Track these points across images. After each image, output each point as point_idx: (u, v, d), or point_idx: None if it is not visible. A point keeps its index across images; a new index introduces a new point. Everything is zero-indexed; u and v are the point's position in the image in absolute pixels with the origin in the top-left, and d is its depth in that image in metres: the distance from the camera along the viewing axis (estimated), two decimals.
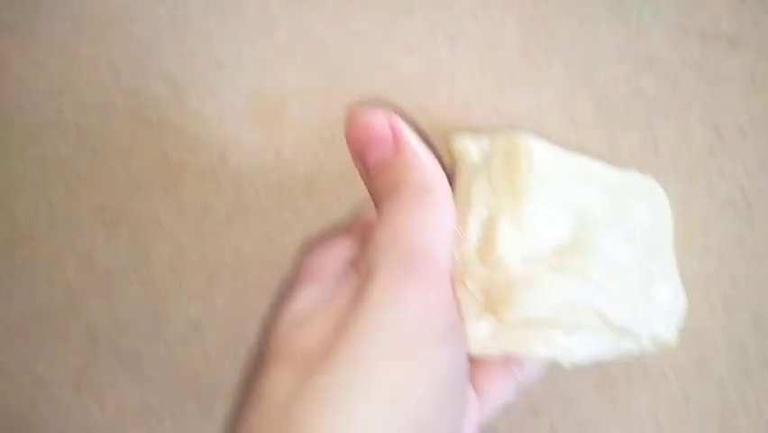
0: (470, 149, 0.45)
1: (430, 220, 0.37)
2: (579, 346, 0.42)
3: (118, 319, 0.50)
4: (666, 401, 0.47)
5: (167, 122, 0.52)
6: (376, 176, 0.38)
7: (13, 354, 0.50)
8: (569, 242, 0.42)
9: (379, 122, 0.38)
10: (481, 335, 0.41)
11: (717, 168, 0.50)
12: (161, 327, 0.49)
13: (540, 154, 0.42)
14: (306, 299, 0.35)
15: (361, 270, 0.35)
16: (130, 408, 0.49)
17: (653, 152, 0.51)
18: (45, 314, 0.50)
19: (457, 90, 0.53)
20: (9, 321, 0.50)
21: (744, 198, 0.50)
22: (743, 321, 0.48)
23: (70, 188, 0.51)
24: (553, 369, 0.45)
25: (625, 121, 0.51)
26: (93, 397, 0.48)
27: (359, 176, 0.48)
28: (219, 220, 0.50)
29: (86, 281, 0.50)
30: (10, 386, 0.49)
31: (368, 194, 0.42)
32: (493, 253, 0.41)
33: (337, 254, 0.39)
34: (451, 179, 0.44)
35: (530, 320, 0.41)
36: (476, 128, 0.52)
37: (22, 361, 0.49)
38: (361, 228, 0.40)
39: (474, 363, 0.39)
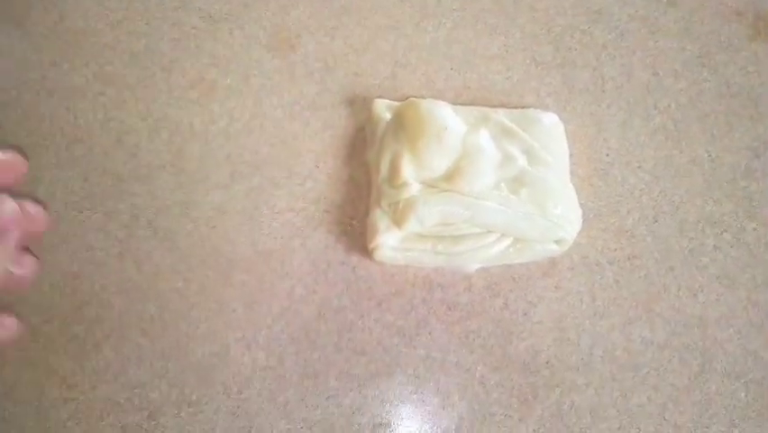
0: (383, 111, 0.59)
1: None
2: (473, 254, 0.54)
3: (156, 202, 0.58)
4: (601, 286, 0.55)
5: (203, 48, 0.61)
6: None
7: (69, 226, 0.58)
8: (455, 169, 0.54)
9: None
10: (389, 245, 0.54)
11: (653, 102, 0.59)
12: (191, 209, 0.58)
13: (428, 109, 0.56)
14: None
15: None
16: (162, 272, 0.57)
17: (600, 88, 0.59)
18: (97, 195, 0.58)
19: (440, 32, 0.62)
20: (66, 201, 0.59)
21: (674, 127, 0.58)
22: (669, 226, 0.56)
23: (122, 98, 0.60)
24: (510, 258, 0.54)
25: (578, 63, 0.60)
26: (132, 262, 0.57)
27: (359, 102, 0.58)
28: (241, 128, 0.59)
29: (131, 171, 0.59)
30: (65, 251, 0.57)
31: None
32: (398, 178, 0.55)
33: None
34: (370, 133, 0.58)
35: (425, 233, 0.55)
36: (458, 62, 0.60)
37: (76, 232, 0.58)
38: None
39: None
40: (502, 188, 0.54)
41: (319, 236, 0.56)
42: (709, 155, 0.57)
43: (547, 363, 0.53)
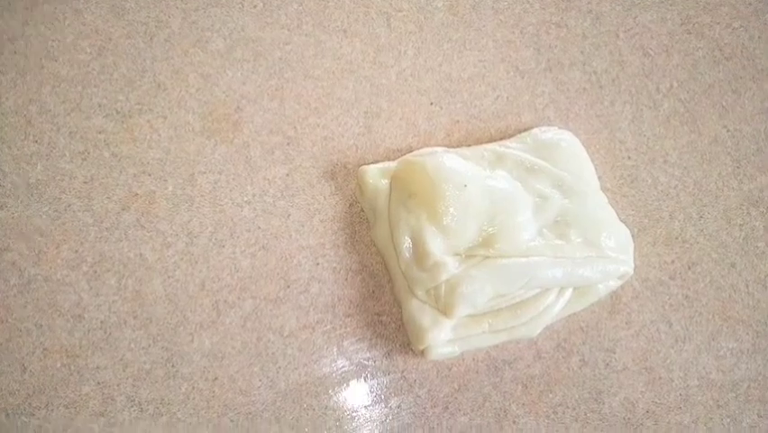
0: (376, 179, 0.47)
1: None
2: (534, 320, 0.45)
3: (129, 372, 0.43)
4: (672, 307, 0.49)
5: (121, 155, 0.47)
6: None
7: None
8: (490, 230, 0.44)
9: None
10: (441, 340, 0.44)
11: (655, 86, 0.52)
12: (180, 366, 0.43)
13: (436, 167, 0.45)
14: None
15: None
16: None
17: (596, 84, 0.52)
18: (47, 388, 0.43)
19: (404, 63, 0.50)
20: (5, 408, 0.42)
21: (685, 108, 0.51)
22: (715, 219, 0.50)
23: (39, 252, 0.44)
24: (574, 309, 0.45)
25: (564, 61, 0.52)
26: None
27: (340, 172, 0.46)
28: (206, 244, 0.45)
29: (84, 342, 0.43)
30: None
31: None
32: (428, 259, 0.44)
33: None
34: (369, 209, 0.47)
35: (478, 312, 0.45)
36: (435, 94, 0.49)
37: None
38: None
39: None
40: (547, 236, 0.44)
41: (350, 349, 0.45)
42: (728, 130, 0.51)
43: (647, 412, 0.46)
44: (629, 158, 0.51)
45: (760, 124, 0.53)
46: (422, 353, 0.44)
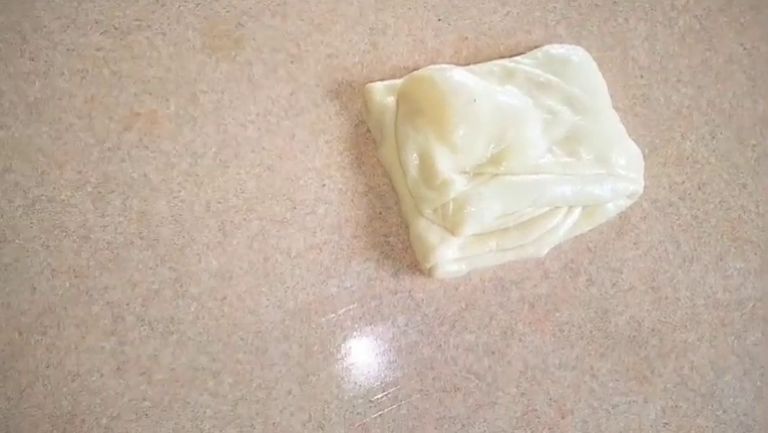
0: (382, 96, 0.46)
1: None
2: (542, 239, 0.44)
3: (139, 290, 0.43)
4: (681, 228, 0.48)
5: (121, 73, 0.45)
6: None
7: (37, 349, 0.42)
8: (500, 147, 0.43)
9: None
10: (449, 259, 0.43)
11: (670, 2, 0.51)
12: (187, 286, 0.43)
13: (444, 81, 0.43)
14: None
15: None
16: (180, 374, 0.43)
17: (610, 0, 0.48)
18: (57, 305, 0.42)
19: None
20: (17, 326, 0.42)
21: (700, 25, 0.50)
22: (728, 139, 0.50)
23: (42, 173, 0.43)
24: (582, 228, 0.44)
25: None
26: (139, 375, 0.42)
27: (346, 91, 0.44)
28: (211, 164, 0.44)
29: (92, 261, 0.43)
30: (47, 385, 0.41)
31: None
32: (436, 177, 0.43)
33: None
34: (375, 127, 0.46)
35: (486, 231, 0.44)
36: (443, 10, 0.47)
37: (50, 360, 0.42)
38: None
39: None
40: (557, 153, 0.43)
41: (357, 269, 0.45)
42: (744, 48, 0.50)
43: (653, 330, 0.46)
44: (642, 76, 0.49)
45: None
46: (429, 271, 0.44)
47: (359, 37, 0.48)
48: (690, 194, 0.49)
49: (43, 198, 0.44)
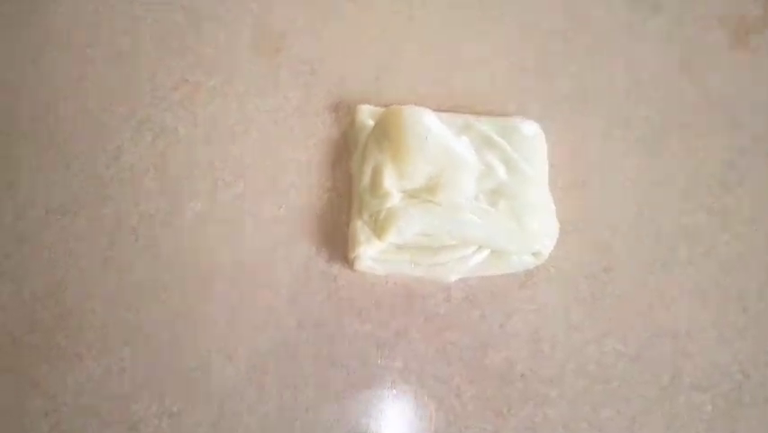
0: (366, 117, 0.49)
1: None
2: (452, 265, 0.46)
3: (139, 209, 0.50)
4: (576, 300, 0.47)
5: (186, 47, 0.52)
6: None
7: (51, 232, 0.50)
8: (437, 181, 0.45)
9: None
10: (368, 256, 0.46)
11: (634, 111, 0.50)
12: (174, 217, 0.50)
13: (410, 116, 0.46)
14: None
15: None
16: (144, 282, 0.49)
17: (582, 96, 0.51)
18: (79, 200, 0.50)
19: (427, 36, 0.52)
20: (47, 206, 0.50)
21: (654, 137, 0.50)
22: (645, 238, 0.48)
23: (105, 97, 0.51)
24: (488, 270, 0.46)
25: (560, 69, 0.51)
26: (115, 271, 0.49)
27: (343, 107, 0.49)
28: (224, 133, 0.50)
29: (114, 175, 0.50)
30: (47, 258, 0.49)
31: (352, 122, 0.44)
32: (380, 188, 0.45)
33: None
34: (353, 141, 0.49)
35: (405, 244, 0.46)
36: (442, 67, 0.51)
37: (58, 238, 0.50)
38: None
39: None
40: (481, 200, 0.46)
41: (302, 246, 0.48)
42: (686, 166, 0.49)
43: (522, 375, 0.46)
44: (586, 166, 0.51)
45: (718, 170, 0.50)
46: (352, 262, 0.48)
47: (368, 69, 0.52)
48: (594, 274, 0.49)
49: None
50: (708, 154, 0.48)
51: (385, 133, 0.45)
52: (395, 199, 0.44)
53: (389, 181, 0.44)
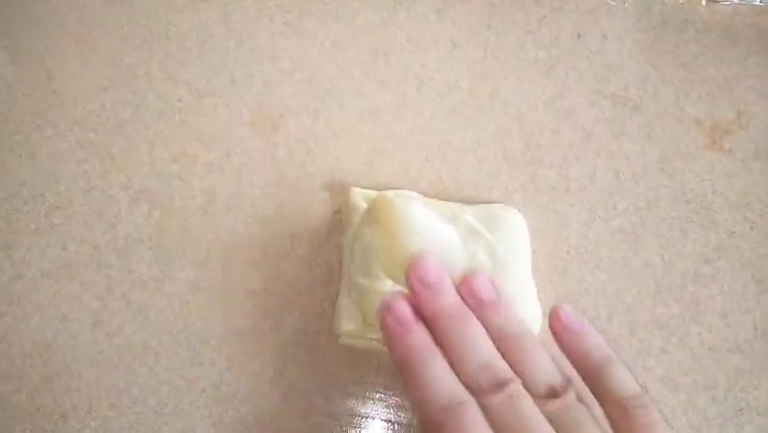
0: (359, 200, 0.53)
1: None
2: None
3: (132, 276, 0.52)
4: None
5: (187, 122, 0.56)
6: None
7: (43, 295, 0.52)
8: None
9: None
10: (351, 333, 0.49)
11: (614, 204, 0.54)
12: (166, 285, 0.52)
13: (401, 207, 0.48)
14: None
15: None
16: (133, 346, 0.51)
17: (565, 187, 0.55)
18: (73, 265, 0.52)
19: (418, 122, 0.56)
20: (42, 269, 0.53)
21: (632, 230, 0.54)
22: (620, 326, 0.52)
23: (105, 167, 0.54)
24: None
25: (545, 161, 0.55)
26: (105, 335, 0.51)
27: (336, 187, 0.52)
28: (220, 206, 0.53)
29: (109, 242, 0.53)
30: (38, 320, 0.51)
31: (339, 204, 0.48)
32: (371, 270, 0.49)
33: None
34: (346, 220, 0.52)
35: None
36: (433, 152, 0.54)
37: (50, 301, 0.51)
38: None
39: None
40: None
41: (291, 318, 0.51)
42: (662, 259, 0.53)
43: None
44: (567, 252, 0.54)
45: (692, 264, 0.54)
46: (336, 338, 0.51)
47: (362, 152, 0.57)
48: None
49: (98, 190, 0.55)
50: (683, 249, 0.52)
51: (377, 220, 0.48)
52: (384, 284, 0.46)
53: (378, 265, 0.47)
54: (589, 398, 0.36)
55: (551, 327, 0.40)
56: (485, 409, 0.31)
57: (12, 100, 0.55)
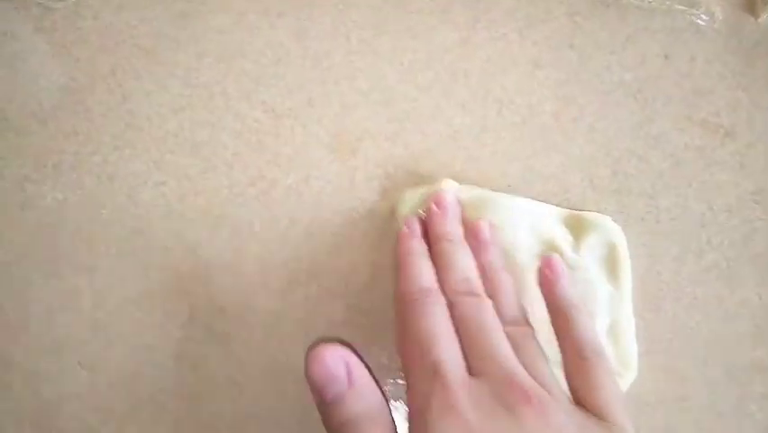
0: (407, 200, 0.51)
1: None
2: None
3: (214, 304, 0.52)
4: (650, 428, 0.50)
5: (264, 143, 0.55)
6: (332, 409, 0.35)
7: (127, 323, 0.51)
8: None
9: (335, 359, 0.36)
10: None
11: (707, 238, 0.52)
12: (248, 315, 0.51)
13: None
14: None
15: None
16: (217, 378, 0.51)
17: (655, 218, 0.53)
18: (155, 292, 0.52)
19: (499, 146, 0.55)
20: (124, 296, 0.53)
21: (726, 266, 0.52)
22: (718, 369, 0.51)
23: (183, 189, 0.53)
24: None
25: (634, 189, 0.53)
26: (189, 366, 0.50)
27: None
28: (300, 232, 0.52)
29: (191, 269, 0.52)
30: (122, 349, 0.51)
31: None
32: None
33: None
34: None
35: None
36: (515, 179, 0.53)
37: (133, 330, 0.51)
38: None
39: None
40: None
41: (373, 353, 0.50)
42: (760, 298, 0.51)
43: None
44: (660, 289, 0.53)
45: None
46: None
47: (442, 174, 0.55)
48: (667, 402, 0.50)
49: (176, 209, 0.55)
50: None
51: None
52: None
53: None
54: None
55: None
56: (452, 305, 0.37)
57: (89, 120, 0.55)
